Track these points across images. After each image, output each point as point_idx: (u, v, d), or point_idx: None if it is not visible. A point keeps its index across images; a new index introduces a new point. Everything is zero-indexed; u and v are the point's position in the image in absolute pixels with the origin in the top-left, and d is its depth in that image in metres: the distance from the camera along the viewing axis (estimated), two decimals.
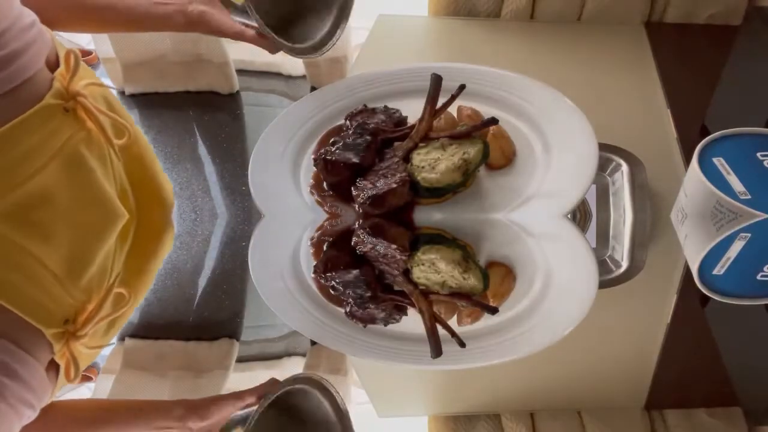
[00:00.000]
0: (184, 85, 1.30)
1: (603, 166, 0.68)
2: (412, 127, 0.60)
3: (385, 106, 0.64)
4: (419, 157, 0.56)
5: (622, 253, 0.62)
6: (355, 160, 0.57)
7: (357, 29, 1.45)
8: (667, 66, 0.89)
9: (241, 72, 1.31)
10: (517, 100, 0.62)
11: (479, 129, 0.56)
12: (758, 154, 0.50)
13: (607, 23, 1.03)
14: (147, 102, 1.30)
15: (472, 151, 0.55)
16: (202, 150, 1.16)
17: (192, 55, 1.27)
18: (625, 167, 0.67)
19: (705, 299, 0.59)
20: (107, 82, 0.94)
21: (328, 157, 0.57)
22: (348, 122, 0.62)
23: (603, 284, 0.64)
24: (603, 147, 0.69)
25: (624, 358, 0.71)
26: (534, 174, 0.55)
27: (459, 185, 0.56)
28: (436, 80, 0.58)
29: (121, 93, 1.29)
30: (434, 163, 0.55)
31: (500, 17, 1.07)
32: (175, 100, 1.30)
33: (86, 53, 1.33)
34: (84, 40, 1.36)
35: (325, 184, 0.60)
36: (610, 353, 0.70)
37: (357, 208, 0.56)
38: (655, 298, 0.69)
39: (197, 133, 1.21)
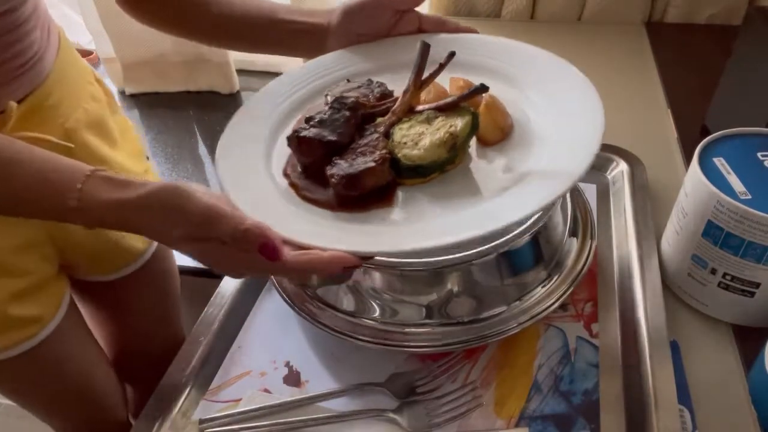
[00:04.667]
0: (184, 85, 1.30)
1: (603, 166, 0.68)
2: (397, 100, 0.55)
3: (369, 80, 0.58)
4: (401, 132, 0.51)
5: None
6: (331, 137, 0.51)
7: None
8: (667, 66, 0.89)
9: (241, 72, 1.31)
10: (515, 69, 0.58)
11: (467, 98, 0.51)
12: (759, 154, 0.50)
13: (608, 23, 1.03)
14: (147, 102, 1.30)
15: (459, 123, 0.50)
16: (202, 150, 1.16)
17: (192, 55, 1.27)
18: (625, 167, 0.67)
19: None
20: (107, 82, 0.93)
21: (302, 135, 0.52)
22: (326, 97, 0.57)
23: None
24: (603, 147, 0.69)
25: None
26: (531, 149, 0.50)
27: (446, 162, 0.49)
28: (424, 48, 0.53)
29: (122, 93, 1.29)
30: (417, 138, 0.50)
31: (500, 17, 1.07)
32: (176, 100, 1.30)
33: (87, 53, 1.33)
34: (84, 39, 1.36)
35: (299, 166, 0.54)
36: None
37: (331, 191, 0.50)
38: None
39: (197, 133, 1.21)
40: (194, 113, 1.27)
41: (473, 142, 0.52)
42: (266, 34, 0.62)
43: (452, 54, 0.53)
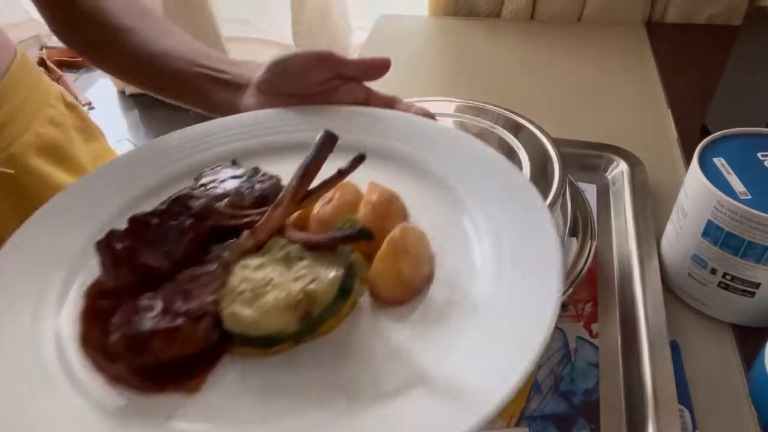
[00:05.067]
0: None
1: (603, 166, 0.68)
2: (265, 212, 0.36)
3: (255, 169, 0.41)
4: (243, 273, 0.33)
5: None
6: (148, 260, 0.34)
7: (357, 29, 1.46)
8: (667, 66, 0.89)
9: None
10: (462, 183, 0.40)
11: (343, 242, 0.33)
12: (759, 154, 0.50)
13: (608, 23, 1.03)
14: (147, 102, 1.30)
15: (324, 279, 0.32)
16: None
17: None
18: (625, 167, 0.67)
19: None
20: (107, 82, 0.93)
21: (113, 245, 0.35)
22: (195, 182, 0.41)
23: None
24: (603, 147, 0.69)
25: None
26: (448, 324, 0.32)
27: (296, 336, 0.32)
28: (325, 140, 0.36)
29: (122, 93, 1.29)
30: (261, 290, 0.32)
31: (500, 17, 1.07)
32: None
33: None
34: None
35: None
36: None
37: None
38: None
39: None
40: (195, 113, 1.27)
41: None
42: (181, 79, 0.53)
43: (360, 158, 0.35)
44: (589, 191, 0.65)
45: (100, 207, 0.41)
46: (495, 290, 0.33)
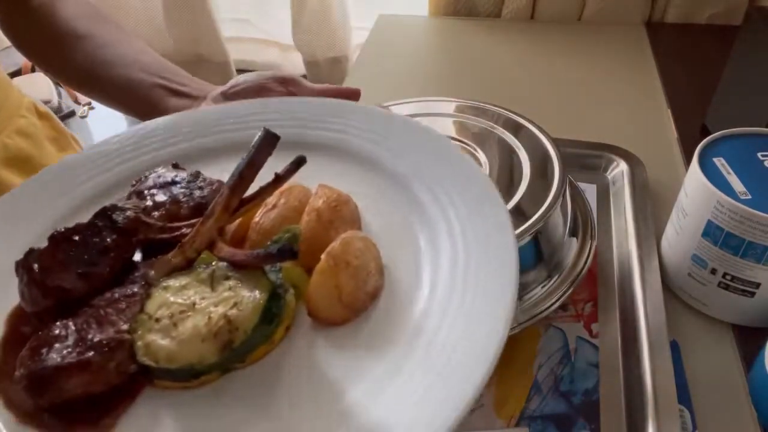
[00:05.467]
0: None
1: (603, 166, 0.68)
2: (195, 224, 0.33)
3: (197, 173, 0.38)
4: (164, 296, 0.30)
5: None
6: (62, 282, 0.31)
7: (357, 29, 1.46)
8: (667, 66, 0.89)
9: (241, 72, 1.31)
10: (418, 181, 0.37)
11: (265, 262, 0.30)
12: (759, 154, 0.50)
13: (608, 23, 1.03)
14: None
15: (248, 303, 0.29)
16: None
17: (193, 55, 1.27)
18: (625, 167, 0.67)
19: None
20: None
21: (29, 266, 0.32)
22: (132, 188, 0.38)
23: None
24: (603, 147, 0.69)
25: None
26: (394, 344, 0.30)
27: (217, 367, 0.29)
28: (264, 139, 0.32)
29: None
30: (180, 316, 0.29)
31: (500, 17, 1.07)
32: None
33: None
34: None
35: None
36: None
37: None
38: None
39: None
40: None
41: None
42: (136, 87, 0.52)
43: (300, 161, 0.32)
44: (589, 191, 0.65)
45: (29, 221, 0.37)
46: (441, 316, 0.30)
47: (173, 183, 0.37)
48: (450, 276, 0.31)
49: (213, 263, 0.32)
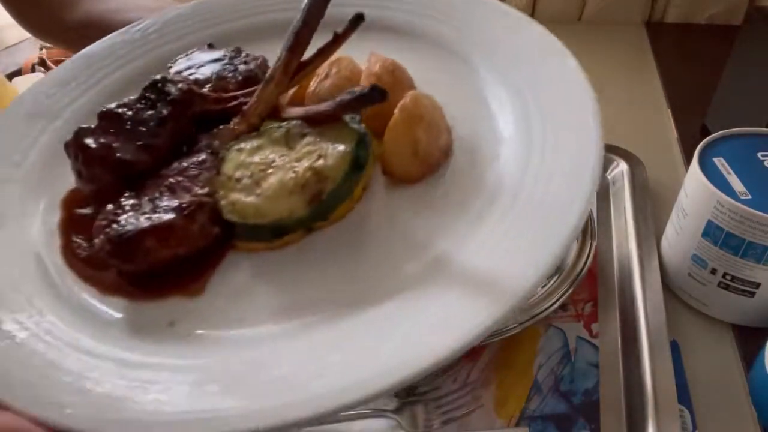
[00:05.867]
0: None
1: (603, 166, 0.68)
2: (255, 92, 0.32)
3: (237, 50, 0.37)
4: (238, 158, 0.30)
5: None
6: (124, 155, 0.30)
7: None
8: (668, 66, 0.89)
9: None
10: (473, 46, 0.35)
11: (349, 109, 0.29)
12: (759, 154, 0.50)
13: (608, 23, 1.03)
14: None
15: (334, 154, 0.29)
16: None
17: None
18: (625, 167, 0.67)
19: None
20: None
21: (84, 144, 0.30)
22: (168, 71, 0.37)
23: None
24: (603, 147, 0.69)
25: None
26: (474, 202, 0.29)
27: (304, 221, 0.29)
28: (314, 1, 0.31)
29: None
30: (261, 174, 0.29)
31: None
32: None
33: None
34: None
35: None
36: None
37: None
38: None
39: None
40: None
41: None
42: None
43: (359, 18, 0.31)
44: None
45: (56, 116, 0.36)
46: (522, 166, 0.30)
47: (215, 60, 0.36)
48: (525, 127, 0.31)
49: (284, 124, 0.31)
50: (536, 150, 0.30)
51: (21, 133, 0.36)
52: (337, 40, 0.31)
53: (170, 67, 0.37)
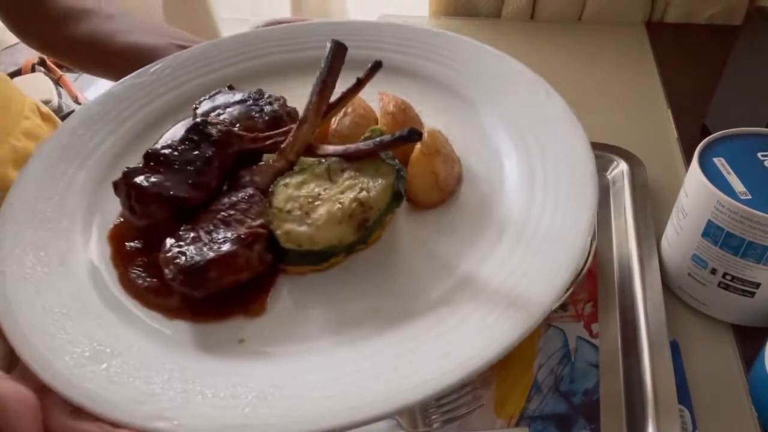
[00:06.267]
0: None
1: (603, 166, 0.68)
2: (289, 132, 0.36)
3: (260, 91, 0.40)
4: (286, 192, 0.33)
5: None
6: (178, 192, 0.33)
7: None
8: (668, 66, 0.89)
9: None
10: (468, 83, 0.40)
11: (389, 148, 0.34)
12: (759, 154, 0.50)
13: (608, 23, 1.03)
14: None
15: (373, 186, 0.32)
16: None
17: None
18: (625, 167, 0.67)
19: None
20: (107, 82, 0.94)
21: (137, 183, 0.33)
22: (194, 112, 0.40)
23: None
24: (603, 147, 0.69)
25: None
26: (488, 225, 0.34)
27: (351, 246, 0.33)
28: (336, 50, 0.35)
29: None
30: (309, 206, 0.32)
31: (500, 17, 1.07)
32: None
33: None
34: None
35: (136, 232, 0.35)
36: None
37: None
38: None
39: None
40: None
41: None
42: (152, 51, 0.52)
43: (377, 65, 0.36)
44: None
45: (84, 158, 0.39)
46: (528, 189, 0.34)
47: (239, 102, 0.39)
48: (525, 154, 0.36)
49: (323, 160, 0.35)
50: (538, 174, 0.35)
51: (58, 173, 0.39)
52: (359, 84, 0.36)
53: (196, 108, 0.40)
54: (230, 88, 0.41)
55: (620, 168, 0.67)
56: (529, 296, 0.29)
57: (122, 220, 0.36)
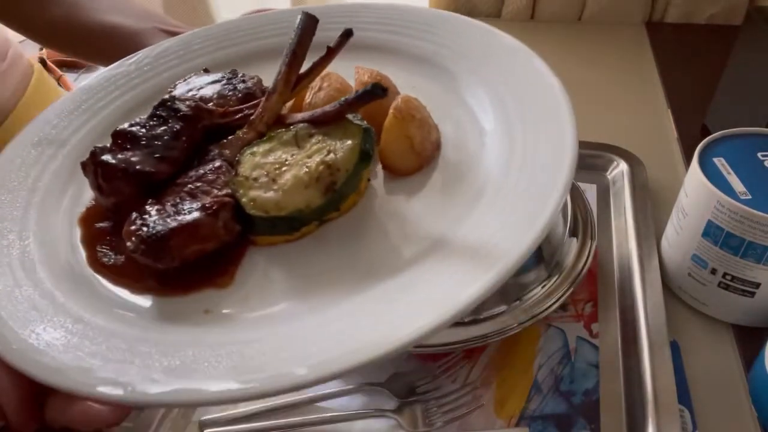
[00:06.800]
0: None
1: (603, 166, 0.68)
2: (258, 105, 0.36)
3: (233, 71, 0.40)
4: (253, 160, 0.33)
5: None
6: (144, 166, 0.33)
7: None
8: (668, 66, 0.89)
9: None
10: (447, 56, 0.40)
11: (356, 106, 0.33)
12: (759, 154, 0.50)
13: (608, 23, 1.03)
14: None
15: (341, 148, 0.32)
16: None
17: None
18: (625, 167, 0.67)
19: None
20: None
21: (104, 160, 0.33)
22: (169, 95, 0.40)
23: None
24: (603, 147, 0.69)
25: None
26: (465, 188, 0.33)
27: (321, 211, 0.32)
28: (306, 23, 0.35)
29: None
30: (276, 172, 0.32)
31: (500, 17, 1.07)
32: None
33: None
34: None
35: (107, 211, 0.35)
36: None
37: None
38: None
39: None
40: None
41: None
42: (135, 35, 0.51)
43: (348, 33, 0.35)
44: (589, 191, 0.65)
45: (61, 144, 0.40)
46: (506, 152, 0.33)
47: (213, 82, 0.39)
48: (503, 119, 0.35)
49: (291, 128, 0.35)
50: (518, 139, 0.34)
51: (31, 160, 0.39)
52: (330, 52, 0.35)
53: (170, 91, 0.40)
54: (205, 71, 0.42)
55: (620, 168, 0.67)
56: (505, 246, 0.28)
57: (93, 203, 0.36)
